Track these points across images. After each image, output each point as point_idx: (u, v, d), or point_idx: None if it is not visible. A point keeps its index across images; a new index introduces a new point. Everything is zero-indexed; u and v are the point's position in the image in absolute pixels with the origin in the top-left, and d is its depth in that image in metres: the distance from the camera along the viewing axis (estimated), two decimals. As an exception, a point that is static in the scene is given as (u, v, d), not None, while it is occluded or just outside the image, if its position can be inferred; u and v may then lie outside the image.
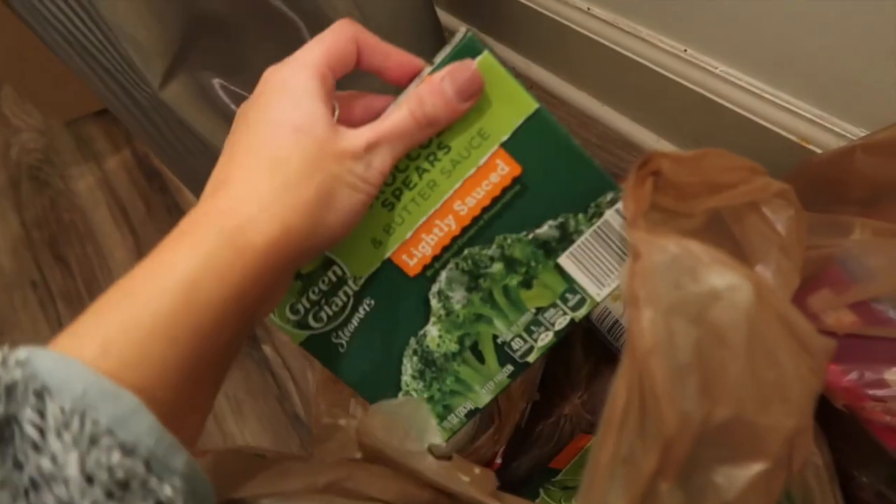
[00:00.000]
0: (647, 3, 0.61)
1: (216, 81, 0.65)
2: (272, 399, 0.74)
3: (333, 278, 0.35)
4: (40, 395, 0.21)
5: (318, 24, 0.62)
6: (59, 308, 0.91)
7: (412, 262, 0.35)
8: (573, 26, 0.70)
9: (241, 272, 0.26)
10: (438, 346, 0.36)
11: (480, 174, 0.33)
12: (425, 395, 0.37)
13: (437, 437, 0.35)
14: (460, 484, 0.32)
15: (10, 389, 0.21)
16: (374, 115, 0.32)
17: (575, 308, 0.36)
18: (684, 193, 0.32)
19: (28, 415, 0.21)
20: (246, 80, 0.66)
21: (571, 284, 0.35)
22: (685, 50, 0.60)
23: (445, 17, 0.91)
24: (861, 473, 0.40)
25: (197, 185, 0.85)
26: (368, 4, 0.62)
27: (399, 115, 0.30)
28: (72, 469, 0.20)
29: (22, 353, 0.22)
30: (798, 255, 0.34)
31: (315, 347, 0.37)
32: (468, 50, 0.31)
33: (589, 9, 0.68)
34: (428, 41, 0.71)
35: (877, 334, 0.38)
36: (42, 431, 0.20)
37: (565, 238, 0.34)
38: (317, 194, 0.28)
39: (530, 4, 0.74)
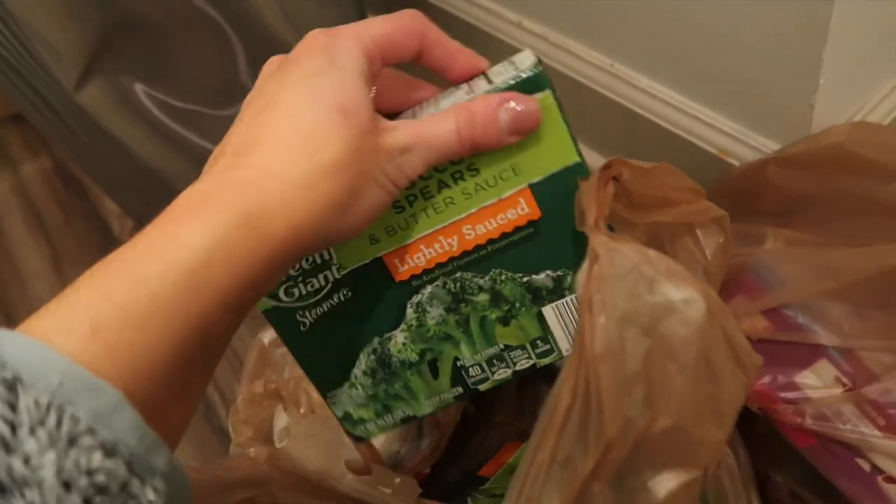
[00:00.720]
0: (576, 18, 0.62)
1: (138, 86, 0.62)
2: (197, 414, 0.72)
3: (318, 260, 0.34)
4: (12, 385, 0.18)
5: (245, 29, 0.61)
6: (-33, 322, 0.86)
7: (402, 269, 0.34)
8: (505, 39, 0.70)
9: (259, 260, 0.24)
10: (399, 351, 0.36)
11: (500, 206, 0.32)
12: (370, 392, 0.37)
13: (352, 452, 0.34)
14: (382, 496, 0.31)
15: None
16: (405, 102, 0.32)
17: (541, 356, 0.36)
18: (634, 203, 0.32)
19: None
20: (170, 86, 0.64)
21: (546, 334, 0.35)
22: (612, 64, 0.61)
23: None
24: (776, 474, 0.42)
25: (119, 192, 0.81)
26: (296, 13, 0.61)
27: (445, 127, 0.28)
28: (47, 472, 0.18)
29: None
30: (718, 281, 0.35)
31: (277, 319, 0.35)
32: (533, 84, 0.30)
33: (520, 22, 0.69)
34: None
35: (788, 339, 0.40)
36: (13, 427, 0.18)
37: (557, 291, 0.34)
38: (349, 186, 0.26)
39: (462, 16, 0.75)
